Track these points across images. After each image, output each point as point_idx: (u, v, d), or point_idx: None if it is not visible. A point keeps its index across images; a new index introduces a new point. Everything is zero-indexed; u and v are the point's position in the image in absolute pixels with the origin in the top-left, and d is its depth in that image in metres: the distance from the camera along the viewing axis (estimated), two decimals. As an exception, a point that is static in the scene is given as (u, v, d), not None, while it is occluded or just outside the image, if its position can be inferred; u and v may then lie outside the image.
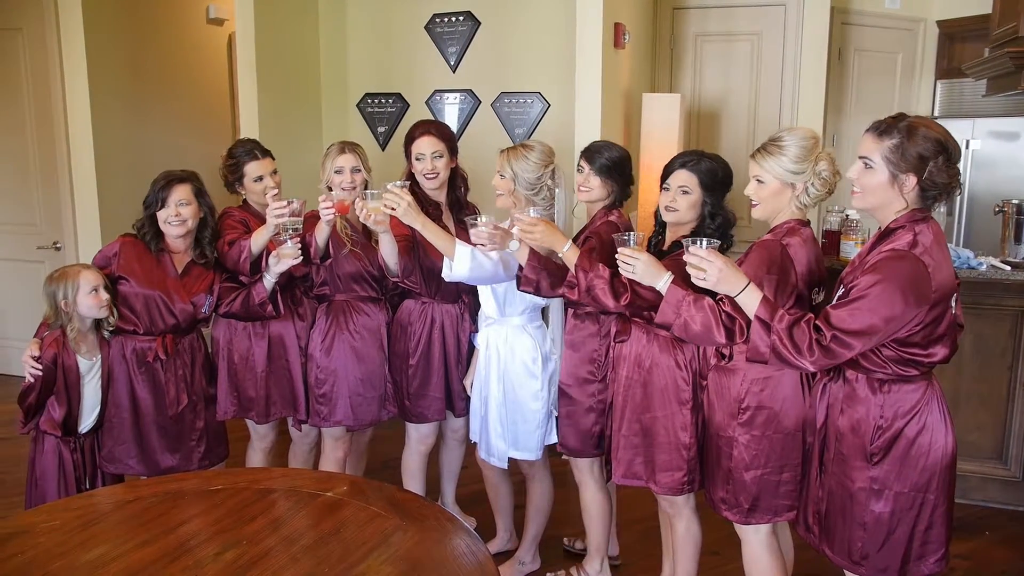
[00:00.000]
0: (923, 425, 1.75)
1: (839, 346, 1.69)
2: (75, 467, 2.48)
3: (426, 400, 2.67)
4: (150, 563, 1.65)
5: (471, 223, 2.19)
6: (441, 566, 1.66)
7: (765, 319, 1.75)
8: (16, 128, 4.46)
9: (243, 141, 2.74)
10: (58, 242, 4.44)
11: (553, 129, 3.85)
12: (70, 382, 2.42)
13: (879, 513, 1.78)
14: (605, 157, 2.36)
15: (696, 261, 1.78)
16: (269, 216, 2.39)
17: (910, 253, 1.68)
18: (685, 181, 2.17)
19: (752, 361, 1.83)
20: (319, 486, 2.01)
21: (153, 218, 2.49)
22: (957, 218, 4.45)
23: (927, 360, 1.74)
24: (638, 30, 4.16)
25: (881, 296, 1.66)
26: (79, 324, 2.44)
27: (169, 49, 4.60)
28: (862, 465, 1.78)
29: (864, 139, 1.78)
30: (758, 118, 4.43)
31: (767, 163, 1.95)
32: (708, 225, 2.19)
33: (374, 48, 4.21)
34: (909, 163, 1.70)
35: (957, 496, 3.13)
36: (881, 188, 1.74)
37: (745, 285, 1.78)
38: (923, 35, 4.81)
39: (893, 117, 1.75)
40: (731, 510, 2.05)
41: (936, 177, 1.71)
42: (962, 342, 3.08)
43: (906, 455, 1.76)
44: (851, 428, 1.81)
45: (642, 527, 2.96)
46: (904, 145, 1.70)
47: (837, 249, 3.22)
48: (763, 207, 2.00)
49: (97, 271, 2.47)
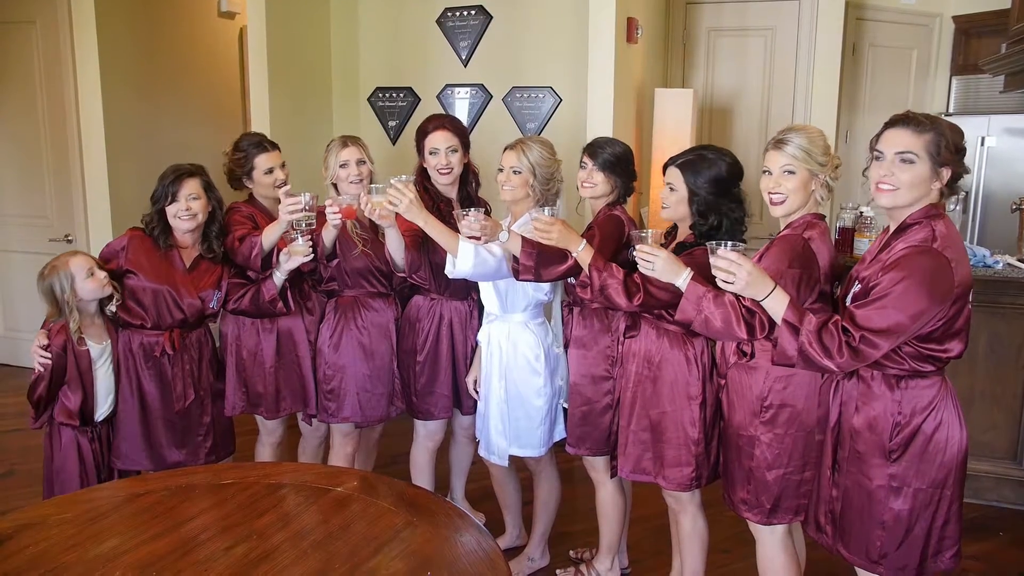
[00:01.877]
0: (940, 421, 1.74)
1: (867, 346, 1.67)
2: (94, 457, 2.48)
3: (433, 397, 2.66)
4: (160, 557, 1.65)
5: (461, 215, 2.18)
6: (452, 563, 1.65)
7: (793, 323, 1.73)
8: (29, 121, 4.47)
9: (250, 135, 2.72)
10: (69, 235, 4.46)
11: (565, 124, 3.83)
12: (82, 368, 2.41)
13: (898, 511, 1.77)
14: (608, 152, 2.34)
15: (725, 265, 1.75)
16: (282, 212, 2.37)
17: (932, 248, 1.67)
18: (672, 178, 2.15)
19: (779, 364, 1.82)
20: (329, 481, 2.00)
21: (162, 213, 2.48)
22: (972, 216, 4.40)
23: (944, 355, 1.74)
24: (651, 25, 4.13)
25: (907, 293, 1.64)
26: (83, 312, 2.42)
27: (180, 43, 4.61)
28: (880, 463, 1.77)
29: (897, 134, 1.74)
30: (771, 114, 4.39)
31: (792, 148, 1.89)
32: (699, 224, 2.13)
33: (385, 42, 4.19)
34: (950, 154, 1.71)
35: (970, 496, 3.17)
36: (922, 182, 1.72)
37: (772, 289, 1.76)
38: (939, 30, 4.76)
39: (916, 114, 1.74)
40: (752, 511, 2.03)
41: (962, 168, 1.74)
42: (977, 341, 3.08)
43: (924, 451, 1.75)
44: (868, 426, 1.79)
45: (651, 524, 2.95)
46: (944, 139, 1.70)
47: (851, 246, 3.19)
48: (789, 201, 1.93)
49: (85, 255, 2.45)
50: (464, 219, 2.16)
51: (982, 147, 4.34)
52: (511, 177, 2.40)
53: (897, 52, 4.69)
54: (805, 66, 4.27)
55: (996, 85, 4.31)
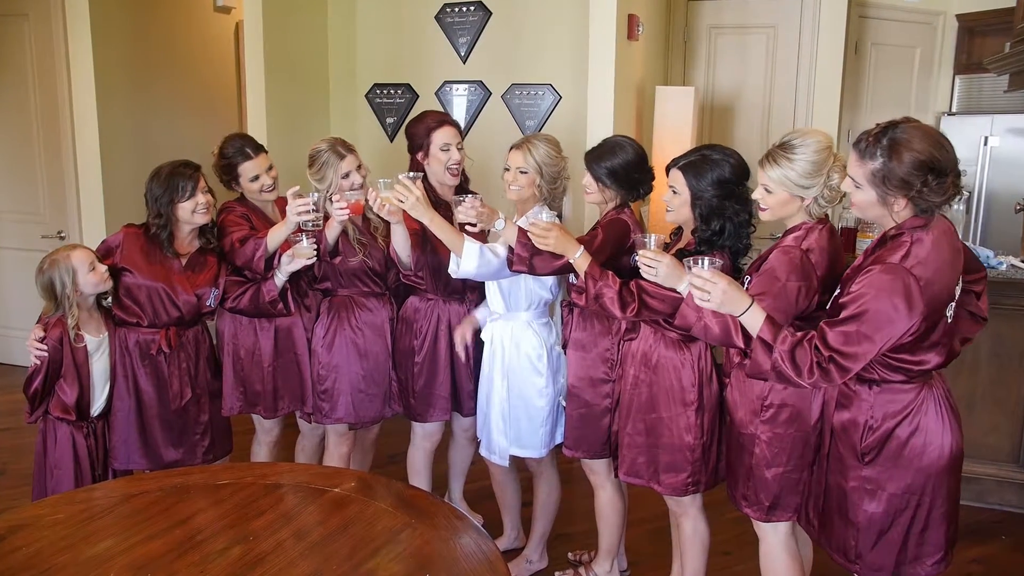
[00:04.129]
0: (916, 427, 1.75)
1: (836, 368, 1.68)
2: (89, 454, 2.44)
3: (432, 398, 2.64)
4: (156, 558, 1.62)
5: (457, 201, 2.17)
6: (451, 565, 1.63)
7: (767, 340, 1.73)
8: (21, 116, 4.43)
9: (233, 139, 2.61)
10: (62, 231, 4.42)
11: (565, 122, 3.80)
12: (79, 362, 2.38)
13: (871, 513, 1.78)
14: (604, 165, 2.28)
15: (700, 283, 1.74)
16: (290, 213, 2.33)
17: (900, 267, 1.64)
18: (674, 181, 2.11)
19: (752, 377, 1.84)
20: (327, 482, 1.98)
21: (171, 214, 2.42)
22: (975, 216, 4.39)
23: (917, 368, 1.74)
24: (652, 21, 4.10)
25: (874, 317, 1.64)
26: (82, 306, 2.39)
27: (175, 37, 4.57)
28: (855, 464, 1.80)
29: (850, 156, 1.74)
30: (772, 112, 4.37)
31: (774, 173, 1.88)
32: (702, 229, 2.08)
33: (383, 38, 4.16)
34: (894, 187, 1.66)
35: (972, 499, 3.15)
36: (871, 206, 1.72)
37: (748, 306, 1.75)
38: (942, 29, 4.74)
39: (877, 132, 1.68)
40: (752, 507, 2.04)
41: (927, 196, 1.65)
42: (978, 342, 3.06)
43: (898, 456, 1.76)
44: (843, 427, 1.83)
45: (650, 527, 2.93)
46: (886, 169, 1.65)
47: (853, 247, 3.18)
48: (771, 213, 1.95)
49: (84, 248, 2.42)
50: (460, 205, 2.16)
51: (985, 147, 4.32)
52: (518, 177, 2.37)
53: (900, 51, 4.67)
54: (807, 64, 4.25)
55: (1000, 84, 4.28)
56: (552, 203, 2.43)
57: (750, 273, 1.97)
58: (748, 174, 2.13)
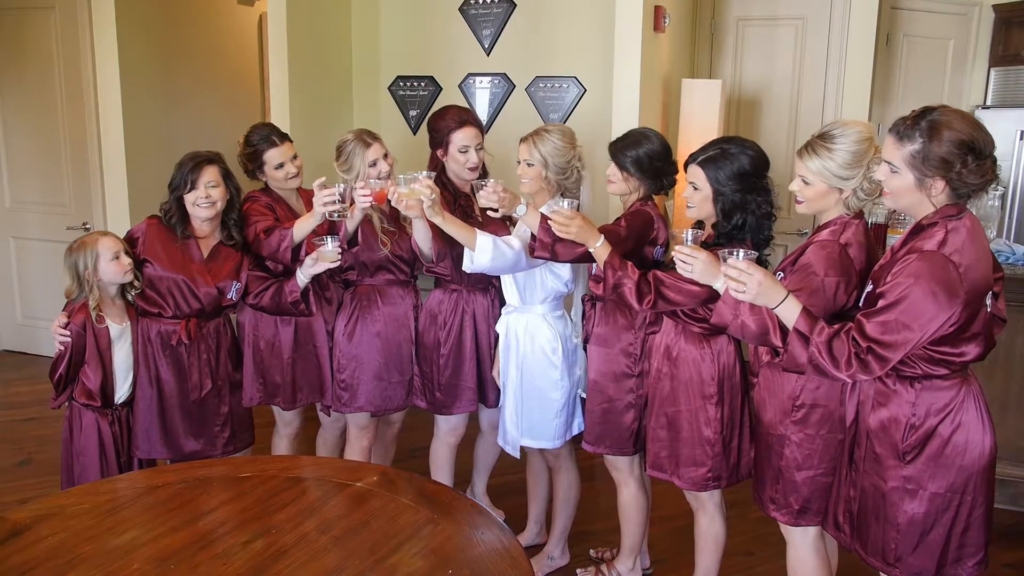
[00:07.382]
0: (958, 424, 1.71)
1: (875, 359, 1.63)
2: (114, 440, 2.46)
3: (458, 390, 2.62)
4: (179, 550, 1.62)
5: (479, 185, 2.17)
6: (474, 561, 1.62)
7: (804, 332, 1.69)
8: (47, 108, 4.46)
9: (259, 127, 2.65)
10: (87, 222, 4.45)
11: (589, 115, 3.76)
12: (102, 347, 2.40)
13: (913, 514, 1.73)
14: (630, 154, 2.26)
15: (735, 274, 1.71)
16: (316, 204, 2.32)
17: (938, 254, 1.61)
18: (694, 176, 2.09)
19: (788, 370, 1.80)
20: (349, 476, 1.97)
21: (180, 201, 2.45)
22: (1008, 211, 4.27)
23: (958, 359, 1.69)
24: (678, 13, 4.03)
25: (913, 304, 1.60)
26: (103, 292, 2.41)
27: (199, 30, 4.58)
28: (895, 464, 1.74)
29: (886, 141, 1.70)
30: (801, 106, 4.28)
31: (813, 164, 1.85)
32: (723, 224, 2.06)
33: (407, 30, 4.14)
34: (934, 168, 1.62)
35: (1006, 503, 3.07)
36: (909, 192, 1.68)
37: (784, 297, 1.71)
38: (977, 20, 4.61)
39: (915, 115, 1.66)
40: (780, 510, 1.99)
41: (966, 178, 1.62)
42: (1012, 343, 2.98)
43: (940, 454, 1.71)
44: (882, 426, 1.77)
45: (673, 524, 2.89)
46: (926, 149, 1.61)
47: (884, 243, 3.12)
48: (808, 206, 1.92)
49: (116, 237, 2.44)
50: (483, 189, 2.16)
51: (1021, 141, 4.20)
52: (526, 170, 2.37)
53: (933, 43, 4.56)
54: (837, 56, 4.15)
55: (1036, 77, 4.17)
56: (566, 194, 2.40)
57: (783, 268, 1.93)
58: (768, 165, 2.11)
